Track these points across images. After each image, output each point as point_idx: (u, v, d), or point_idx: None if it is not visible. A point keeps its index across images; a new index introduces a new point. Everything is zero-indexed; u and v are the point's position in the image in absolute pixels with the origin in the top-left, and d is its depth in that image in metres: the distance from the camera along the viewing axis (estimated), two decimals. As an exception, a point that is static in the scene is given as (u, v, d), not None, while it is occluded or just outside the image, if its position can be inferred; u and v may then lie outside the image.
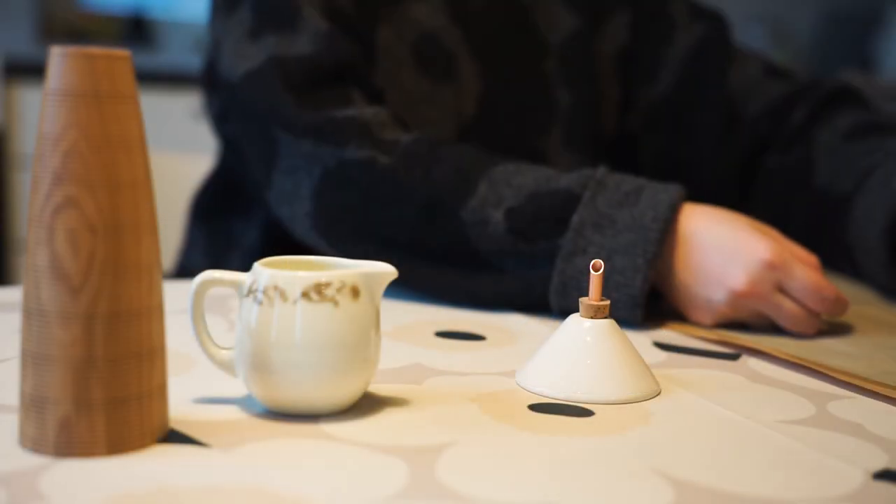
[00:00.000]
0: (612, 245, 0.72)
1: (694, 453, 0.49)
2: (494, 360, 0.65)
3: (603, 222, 0.73)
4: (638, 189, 0.74)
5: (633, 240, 0.72)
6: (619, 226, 0.72)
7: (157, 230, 0.47)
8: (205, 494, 0.41)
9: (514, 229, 0.75)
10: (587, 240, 0.73)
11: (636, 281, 0.72)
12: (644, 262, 0.71)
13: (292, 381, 0.50)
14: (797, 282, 0.72)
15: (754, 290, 0.72)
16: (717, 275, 0.73)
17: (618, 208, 0.73)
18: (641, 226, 0.72)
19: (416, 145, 0.79)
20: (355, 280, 0.51)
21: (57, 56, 0.43)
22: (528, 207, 0.75)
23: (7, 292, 0.79)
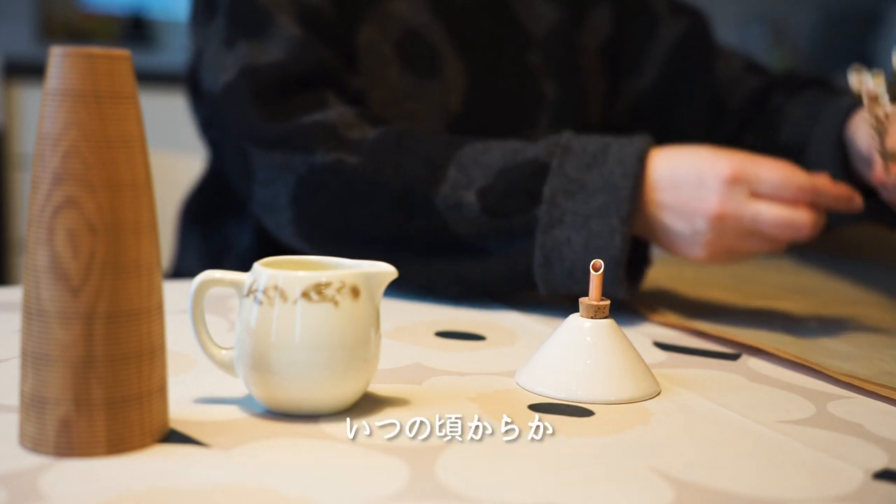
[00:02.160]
0: (586, 210, 0.72)
1: (694, 453, 0.49)
2: (494, 360, 0.65)
3: (574, 188, 0.73)
4: (604, 148, 0.74)
5: (605, 201, 0.72)
6: (591, 189, 0.72)
7: (157, 230, 0.47)
8: (205, 494, 0.41)
9: (489, 209, 0.74)
10: (562, 208, 0.73)
11: (615, 241, 0.71)
12: (619, 221, 0.71)
13: (292, 381, 0.50)
14: (766, 181, 0.71)
15: (728, 206, 0.71)
16: (691, 206, 0.72)
17: (587, 171, 0.73)
18: (612, 185, 0.72)
19: (382, 141, 0.79)
20: (355, 280, 0.51)
21: (57, 56, 0.43)
22: (499, 185, 0.74)
23: (7, 292, 0.79)
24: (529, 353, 0.62)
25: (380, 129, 0.80)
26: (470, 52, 0.94)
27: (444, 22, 0.93)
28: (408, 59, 0.90)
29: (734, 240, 0.72)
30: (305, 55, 0.83)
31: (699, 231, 0.72)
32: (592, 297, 0.59)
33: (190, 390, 0.55)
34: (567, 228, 0.72)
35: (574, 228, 0.72)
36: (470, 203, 0.75)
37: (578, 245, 0.72)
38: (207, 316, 0.68)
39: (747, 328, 0.74)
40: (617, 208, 0.71)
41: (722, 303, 0.84)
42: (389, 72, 0.89)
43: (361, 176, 0.78)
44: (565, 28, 1.00)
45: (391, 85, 0.89)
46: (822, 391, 0.61)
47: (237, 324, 0.52)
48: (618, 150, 0.73)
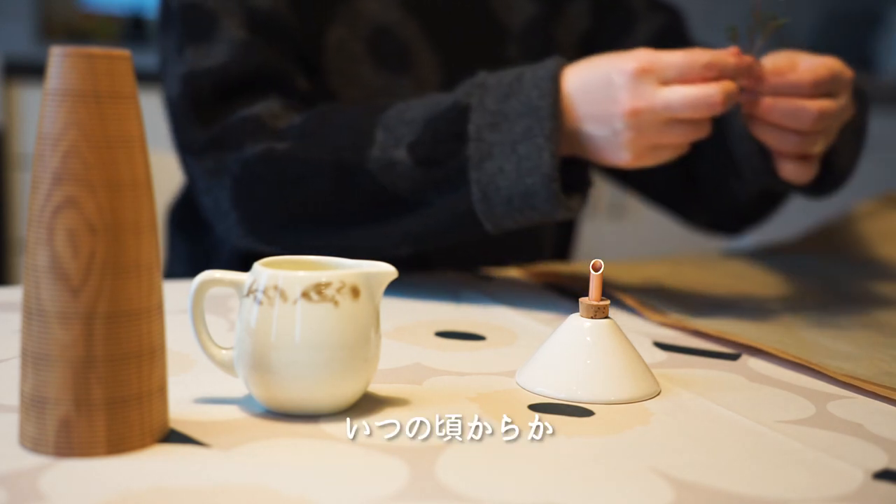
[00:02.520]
0: (512, 138, 0.73)
1: (694, 453, 0.49)
2: (494, 360, 0.65)
3: (497, 120, 0.73)
4: (519, 76, 0.75)
5: (528, 124, 0.72)
6: (512, 117, 0.73)
7: (157, 230, 0.47)
8: (205, 494, 0.41)
9: (421, 160, 0.75)
10: (489, 142, 0.73)
11: (543, 159, 0.72)
12: (544, 139, 0.72)
13: (292, 381, 0.50)
14: (671, 67, 0.70)
15: (639, 100, 0.70)
16: (604, 109, 0.72)
17: (506, 101, 0.74)
18: (532, 108, 0.73)
19: (308, 121, 0.79)
20: (355, 280, 0.51)
21: (57, 56, 0.43)
22: (426, 135, 0.75)
23: (7, 292, 0.79)
24: (529, 353, 0.62)
25: (305, 113, 0.81)
26: (445, 47, 0.94)
27: (418, 18, 0.93)
28: (379, 57, 0.91)
29: (654, 133, 0.72)
30: (248, 57, 0.83)
31: (618, 131, 0.72)
32: (592, 297, 0.59)
33: (190, 390, 0.55)
34: (497, 159, 0.73)
35: (504, 157, 0.73)
36: (402, 160, 0.75)
37: (511, 172, 0.73)
38: (207, 316, 0.68)
39: (747, 328, 0.74)
40: (540, 128, 0.72)
41: (722, 303, 0.84)
42: (361, 70, 0.90)
43: (292, 159, 0.78)
44: (543, 22, 0.99)
45: (364, 83, 0.90)
46: (822, 391, 0.61)
47: (237, 324, 0.52)
48: (531, 76, 0.74)
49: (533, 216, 0.75)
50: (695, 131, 0.72)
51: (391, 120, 0.77)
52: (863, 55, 3.56)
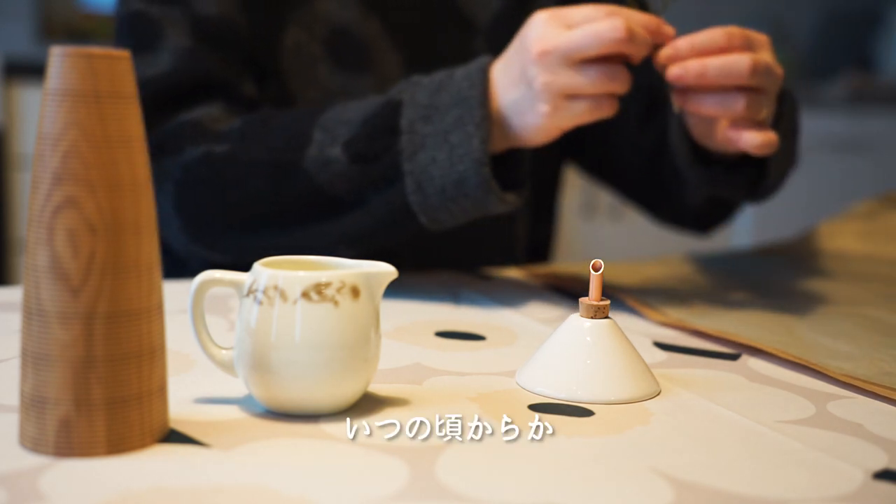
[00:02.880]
0: (443, 128, 0.73)
1: (694, 453, 0.49)
2: (494, 360, 0.65)
3: (429, 113, 0.74)
4: (450, 73, 0.76)
5: (459, 114, 0.73)
6: (443, 108, 0.74)
7: (156, 230, 0.47)
8: (205, 494, 0.41)
9: (355, 157, 0.75)
10: (421, 134, 0.74)
11: (473, 145, 0.72)
12: (474, 126, 0.72)
13: (292, 381, 0.50)
14: (577, 13, 0.71)
15: (546, 41, 0.70)
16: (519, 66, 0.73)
17: (437, 94, 0.74)
18: (462, 98, 0.73)
19: (248, 124, 0.80)
20: (355, 280, 0.51)
21: (57, 56, 0.43)
22: (361, 132, 0.76)
23: (7, 292, 0.79)
24: (529, 353, 0.62)
25: (246, 116, 0.81)
26: (407, 44, 0.94)
27: (379, 16, 0.93)
28: (338, 58, 0.91)
29: (566, 77, 0.70)
30: (192, 66, 0.83)
31: (532, 80, 0.71)
32: (592, 297, 0.59)
33: (190, 390, 0.55)
34: (430, 149, 0.73)
35: (436, 147, 0.73)
36: (337, 157, 0.76)
37: (443, 161, 0.73)
38: (207, 316, 0.68)
39: (747, 328, 0.74)
40: (470, 116, 0.73)
41: (722, 303, 0.84)
42: (320, 71, 0.90)
43: (231, 161, 0.79)
44: (510, 14, 0.98)
45: (322, 84, 0.90)
46: (822, 391, 0.61)
47: (237, 324, 0.52)
48: (462, 71, 0.75)
49: (466, 205, 0.75)
50: (609, 80, 0.71)
51: (329, 120, 0.78)
52: (863, 55, 3.56)
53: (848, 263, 1.08)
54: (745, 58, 0.71)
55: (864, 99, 3.08)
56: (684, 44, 0.71)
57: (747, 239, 2.92)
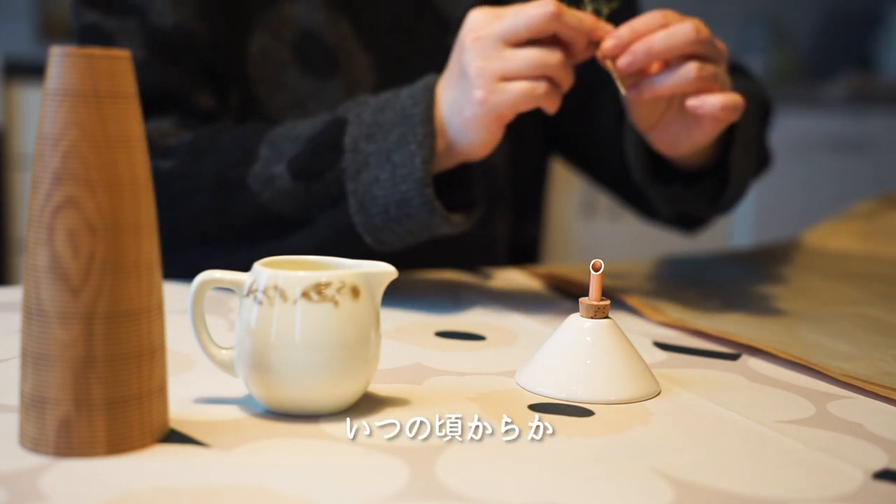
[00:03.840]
0: (387, 147, 0.72)
1: (694, 453, 0.49)
2: (494, 360, 0.65)
3: (372, 131, 0.73)
4: (397, 92, 0.75)
5: (402, 132, 0.72)
6: (387, 127, 0.72)
7: (156, 230, 0.47)
8: (205, 494, 0.41)
9: (299, 175, 0.74)
10: (364, 153, 0.73)
11: (415, 164, 0.71)
12: (416, 145, 0.71)
13: (292, 381, 0.50)
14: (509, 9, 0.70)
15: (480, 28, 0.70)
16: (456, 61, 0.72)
17: (382, 113, 0.73)
18: (405, 116, 0.72)
19: (196, 140, 0.79)
20: (355, 280, 0.51)
21: (57, 56, 0.43)
22: (306, 150, 0.75)
23: (7, 292, 0.79)
24: (529, 353, 0.62)
25: (197, 131, 0.80)
26: (377, 45, 0.93)
27: (348, 19, 0.92)
28: (306, 62, 0.90)
29: (499, 58, 0.69)
30: (143, 79, 0.79)
31: (466, 66, 0.70)
32: (592, 297, 0.59)
33: (190, 390, 0.55)
34: (373, 169, 0.72)
35: (379, 166, 0.72)
36: (280, 175, 0.75)
37: (386, 181, 0.72)
38: (207, 316, 0.68)
39: (747, 328, 0.74)
40: (413, 134, 0.71)
41: (722, 303, 0.84)
42: (288, 76, 0.89)
43: (178, 178, 0.78)
44: None
45: (291, 89, 0.89)
46: (822, 391, 0.61)
47: (237, 324, 0.52)
48: (408, 90, 0.74)
49: (410, 226, 0.73)
50: (542, 60, 0.69)
51: (277, 137, 0.77)
52: (863, 55, 3.56)
53: (848, 263, 1.08)
54: (687, 23, 0.71)
55: (864, 99, 3.08)
56: (625, 30, 0.71)
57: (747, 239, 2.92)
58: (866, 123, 3.06)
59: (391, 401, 0.55)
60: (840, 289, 0.94)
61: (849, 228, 1.23)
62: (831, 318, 0.80)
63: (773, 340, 0.70)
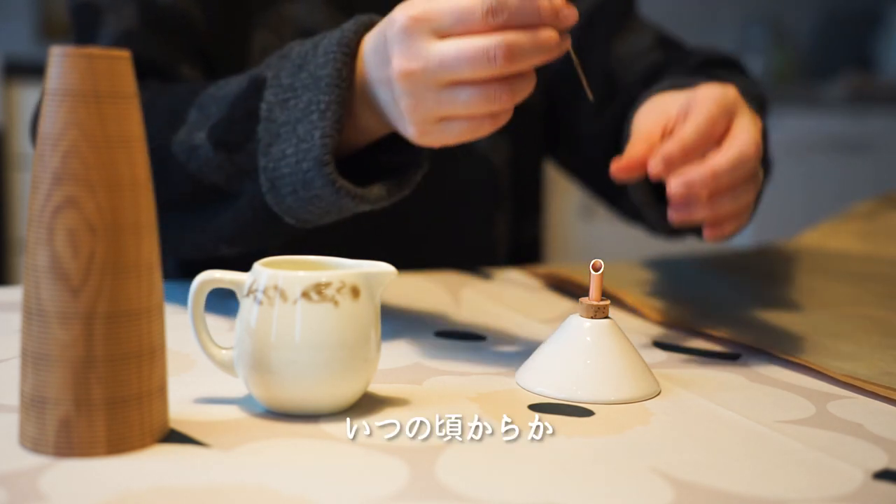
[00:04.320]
0: (295, 116, 0.63)
1: (694, 453, 0.49)
2: (494, 360, 0.65)
3: (288, 96, 0.63)
4: (317, 42, 0.64)
5: (310, 99, 0.62)
6: (300, 90, 0.63)
7: (156, 230, 0.47)
8: (205, 494, 0.41)
9: (220, 143, 0.66)
10: (277, 122, 0.63)
11: (314, 137, 0.61)
12: (319, 115, 0.61)
13: (292, 381, 0.50)
14: (445, 14, 0.56)
15: (410, 60, 0.57)
16: (384, 73, 0.60)
17: (298, 73, 0.63)
18: (316, 79, 0.62)
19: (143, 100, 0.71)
20: (355, 280, 0.51)
21: (57, 56, 0.43)
22: (226, 115, 0.66)
23: (7, 292, 0.79)
24: (529, 353, 0.62)
25: (148, 88, 0.73)
26: None
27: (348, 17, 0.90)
28: None
29: (434, 101, 0.58)
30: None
31: (397, 98, 0.59)
32: (592, 297, 0.59)
33: (190, 390, 0.55)
34: (283, 142, 0.63)
35: (287, 140, 0.63)
36: (202, 143, 0.67)
37: (291, 157, 0.63)
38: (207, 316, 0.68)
39: (747, 328, 0.74)
40: (317, 103, 0.62)
41: (722, 303, 0.84)
42: None
43: None
44: None
45: None
46: (822, 391, 0.61)
47: (237, 324, 0.52)
48: (326, 41, 0.63)
49: (323, 206, 0.64)
50: (485, 100, 0.57)
51: (206, 98, 0.68)
52: (863, 55, 3.56)
53: (848, 263, 1.08)
54: (750, 146, 0.61)
55: (864, 99, 3.08)
56: (674, 149, 0.59)
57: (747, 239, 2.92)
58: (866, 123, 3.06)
59: (391, 401, 0.55)
60: (840, 289, 0.94)
61: (849, 228, 1.23)
62: (831, 318, 0.80)
63: (773, 340, 0.70)
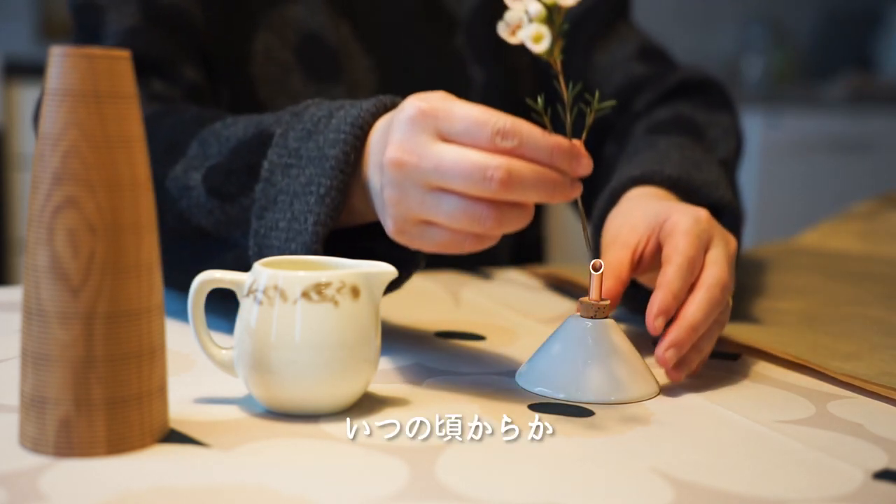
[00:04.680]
0: (294, 188, 0.60)
1: (694, 453, 0.49)
2: (494, 360, 0.65)
3: (292, 161, 0.61)
4: (335, 111, 0.61)
5: (312, 175, 0.59)
6: (305, 161, 0.60)
7: (156, 230, 0.47)
8: (205, 494, 0.41)
9: (214, 190, 0.63)
10: (277, 188, 0.61)
11: (307, 223, 0.59)
12: (317, 199, 0.59)
13: (292, 381, 0.50)
14: (461, 118, 0.52)
15: (407, 149, 0.52)
16: (379, 157, 0.56)
17: (306, 139, 0.61)
18: (322, 156, 0.59)
19: (146, 119, 0.67)
20: (355, 280, 0.51)
21: (57, 56, 0.43)
22: (226, 161, 0.64)
23: (7, 292, 0.79)
24: (529, 353, 0.62)
25: (153, 108, 0.72)
26: (378, 47, 0.91)
27: (349, 21, 0.90)
28: (309, 66, 0.88)
29: (417, 200, 0.53)
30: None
31: (383, 185, 0.55)
32: (592, 297, 0.59)
33: (190, 390, 0.55)
34: (277, 211, 0.61)
35: (282, 211, 0.60)
36: (196, 185, 0.64)
37: (282, 231, 0.60)
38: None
39: (747, 328, 0.74)
40: (318, 184, 0.59)
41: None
42: (291, 80, 0.88)
43: None
44: (489, 5, 0.96)
45: (294, 93, 0.87)
46: (822, 391, 0.61)
47: (237, 324, 0.52)
48: (343, 114, 0.60)
49: None
50: (468, 217, 0.52)
51: (210, 134, 0.66)
52: (863, 55, 3.56)
53: (848, 263, 1.08)
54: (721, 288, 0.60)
55: (864, 99, 3.08)
56: (668, 296, 0.58)
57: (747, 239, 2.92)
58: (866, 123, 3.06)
59: (391, 401, 0.55)
60: (840, 289, 0.94)
61: (849, 228, 1.23)
62: (831, 317, 0.80)
63: (773, 340, 0.70)
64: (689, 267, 0.60)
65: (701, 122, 0.88)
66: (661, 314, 0.58)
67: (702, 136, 0.85)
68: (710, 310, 0.59)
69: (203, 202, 0.64)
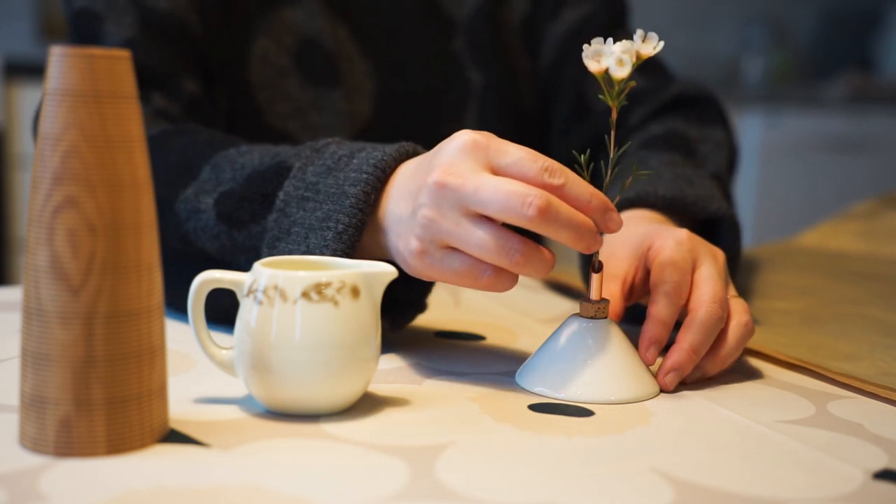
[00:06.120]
0: (310, 222, 0.60)
1: (694, 453, 0.49)
2: (494, 360, 0.65)
3: (308, 195, 0.61)
4: (356, 151, 0.62)
5: (330, 211, 0.60)
6: (322, 196, 0.61)
7: (156, 230, 0.47)
8: (205, 494, 0.41)
9: (224, 216, 0.64)
10: (291, 219, 0.61)
11: None
12: (334, 236, 0.59)
13: (292, 381, 0.50)
14: (509, 153, 0.54)
15: (454, 173, 0.54)
16: (418, 181, 0.57)
17: (326, 175, 0.61)
18: (341, 193, 0.60)
19: (153, 140, 0.67)
20: (355, 280, 0.51)
21: (57, 56, 0.43)
22: (239, 189, 0.64)
23: (7, 292, 0.79)
24: (529, 353, 0.62)
25: (159, 129, 0.73)
26: (376, 51, 0.91)
27: (347, 25, 0.90)
28: (307, 70, 0.88)
29: (453, 222, 0.54)
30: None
31: (419, 207, 0.55)
32: (592, 297, 0.59)
33: (190, 390, 0.55)
34: (291, 242, 0.61)
35: (297, 242, 0.61)
36: (206, 209, 0.65)
37: None
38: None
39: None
40: (335, 221, 0.59)
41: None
42: (289, 84, 0.87)
43: None
44: (488, 8, 0.96)
45: (292, 97, 0.87)
46: (822, 391, 0.61)
47: (237, 324, 0.52)
48: (366, 155, 0.61)
49: None
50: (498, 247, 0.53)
51: (224, 159, 0.67)
52: (863, 55, 3.56)
53: (848, 263, 1.08)
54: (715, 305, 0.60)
55: (863, 99, 3.08)
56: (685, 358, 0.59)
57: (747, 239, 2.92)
58: (866, 123, 3.06)
59: (391, 401, 0.55)
60: (840, 289, 0.94)
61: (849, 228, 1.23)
62: (831, 318, 0.80)
63: (773, 340, 0.70)
64: (676, 292, 0.61)
65: (693, 137, 0.88)
66: (651, 345, 0.60)
67: (693, 151, 0.86)
68: (710, 329, 0.59)
69: (211, 226, 0.65)
